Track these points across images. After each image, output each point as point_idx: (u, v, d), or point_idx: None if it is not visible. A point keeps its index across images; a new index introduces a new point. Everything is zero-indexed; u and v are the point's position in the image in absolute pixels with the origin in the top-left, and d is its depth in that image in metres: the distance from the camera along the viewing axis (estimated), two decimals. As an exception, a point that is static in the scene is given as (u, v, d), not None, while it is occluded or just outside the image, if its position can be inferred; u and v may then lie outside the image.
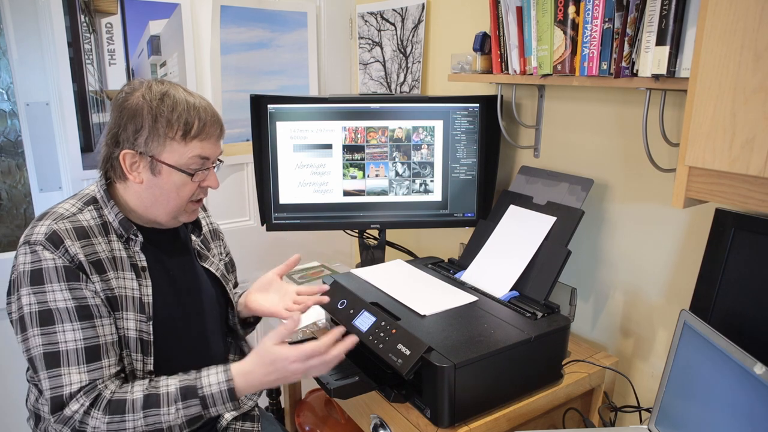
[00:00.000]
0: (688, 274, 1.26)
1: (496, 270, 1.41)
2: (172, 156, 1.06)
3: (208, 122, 1.08)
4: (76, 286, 1.00)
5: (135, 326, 1.07)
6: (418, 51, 1.94)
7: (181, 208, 1.11)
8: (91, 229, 1.06)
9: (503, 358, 1.12)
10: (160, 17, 1.82)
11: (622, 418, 1.39)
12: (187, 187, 1.09)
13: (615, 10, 1.14)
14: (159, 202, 1.09)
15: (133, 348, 1.07)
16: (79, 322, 1.00)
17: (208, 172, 1.11)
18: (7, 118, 1.87)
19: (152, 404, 0.99)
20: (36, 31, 1.67)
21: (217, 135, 1.11)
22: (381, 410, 1.23)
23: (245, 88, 2.02)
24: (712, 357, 0.96)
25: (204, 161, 1.09)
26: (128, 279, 1.08)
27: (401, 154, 1.69)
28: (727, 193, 0.88)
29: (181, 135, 1.05)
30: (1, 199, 1.94)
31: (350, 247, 2.42)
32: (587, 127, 1.45)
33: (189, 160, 1.07)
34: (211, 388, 1.01)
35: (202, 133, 1.07)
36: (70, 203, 1.09)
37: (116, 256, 1.07)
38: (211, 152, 1.09)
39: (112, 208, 1.09)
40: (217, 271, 1.26)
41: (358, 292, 1.33)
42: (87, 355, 1.00)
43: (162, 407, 0.99)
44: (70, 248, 1.00)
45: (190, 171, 1.08)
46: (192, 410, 1.00)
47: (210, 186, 1.12)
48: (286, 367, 1.02)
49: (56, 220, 1.03)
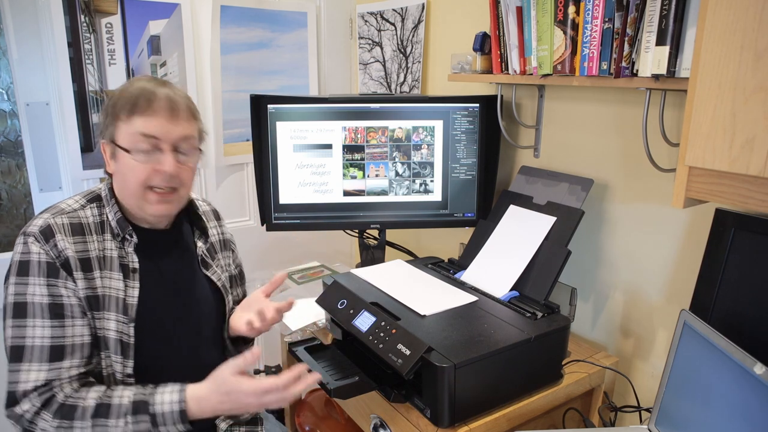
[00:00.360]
0: (688, 274, 1.26)
1: (496, 270, 1.41)
2: (122, 136, 1.04)
3: (156, 99, 1.03)
4: (54, 283, 1.00)
5: (115, 327, 1.05)
6: (418, 51, 1.94)
7: (139, 195, 1.06)
8: (88, 227, 1.06)
9: (503, 358, 1.12)
10: (160, 17, 1.82)
11: (622, 418, 1.39)
12: (136, 169, 1.03)
13: (615, 10, 1.14)
14: (123, 190, 1.08)
15: (112, 349, 1.05)
16: (50, 320, 1.00)
17: (162, 154, 1.04)
18: (7, 118, 1.87)
19: (102, 414, 0.97)
20: (36, 31, 1.67)
21: (166, 112, 1.03)
22: (381, 410, 1.23)
23: (245, 88, 2.02)
24: (712, 357, 0.96)
25: (151, 140, 1.03)
26: (115, 279, 1.07)
27: (401, 154, 1.69)
28: (727, 193, 0.88)
29: (126, 112, 1.03)
30: (1, 199, 1.94)
31: (350, 247, 2.42)
32: (587, 127, 1.45)
33: (132, 138, 1.03)
34: (162, 407, 0.99)
35: (148, 110, 1.02)
36: (75, 199, 1.10)
37: (106, 256, 1.07)
38: (158, 131, 1.03)
39: (112, 207, 1.10)
40: (218, 281, 1.24)
41: (358, 292, 1.33)
42: (50, 354, 0.99)
43: (111, 418, 0.97)
44: (60, 243, 1.01)
45: (131, 149, 1.03)
46: (141, 426, 0.98)
47: (161, 169, 1.04)
48: (241, 399, 0.99)
49: (55, 215, 1.04)
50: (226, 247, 1.33)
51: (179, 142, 1.07)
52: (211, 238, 1.27)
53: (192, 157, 1.11)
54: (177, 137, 1.06)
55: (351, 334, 1.28)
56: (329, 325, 1.42)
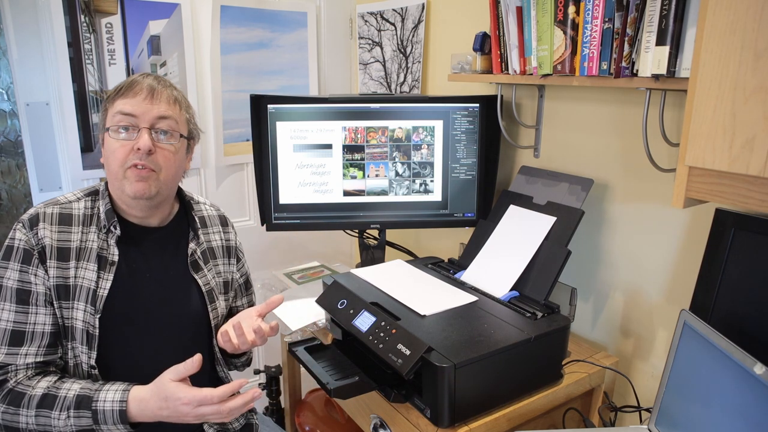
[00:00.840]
0: (688, 274, 1.26)
1: (496, 270, 1.41)
2: (107, 121, 1.10)
3: (136, 81, 1.09)
4: (25, 269, 1.05)
5: (83, 317, 1.07)
6: (418, 51, 1.94)
7: (120, 175, 1.08)
8: (77, 218, 1.11)
9: (503, 358, 1.12)
10: (160, 17, 1.82)
11: (622, 418, 1.39)
12: (117, 150, 1.07)
13: (615, 10, 1.14)
14: (108, 173, 1.11)
15: (78, 339, 1.07)
16: (16, 305, 1.03)
17: (139, 132, 1.07)
18: (7, 118, 1.87)
19: (47, 405, 0.99)
20: (36, 32, 1.67)
21: (144, 94, 1.08)
22: (381, 410, 1.23)
23: (245, 88, 2.02)
24: (712, 357, 0.96)
25: (129, 118, 1.07)
26: (89, 270, 1.09)
27: (401, 154, 1.69)
28: (727, 193, 0.88)
29: (111, 100, 1.10)
30: (1, 199, 1.94)
31: (350, 247, 2.42)
32: (587, 127, 1.45)
33: (113, 119, 1.08)
34: (104, 404, 0.99)
35: (128, 91, 1.08)
36: (74, 192, 1.15)
37: (85, 247, 1.10)
38: (135, 110, 1.07)
39: (104, 200, 1.13)
40: (205, 285, 1.21)
41: (358, 292, 1.33)
42: (10, 339, 1.02)
43: (54, 410, 0.98)
44: (41, 231, 1.06)
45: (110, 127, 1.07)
46: (82, 421, 0.99)
47: (138, 147, 1.06)
48: (177, 407, 0.98)
49: (48, 205, 1.10)
50: (230, 255, 1.31)
51: (156, 121, 1.09)
52: (212, 243, 1.27)
53: (171, 140, 1.12)
54: (154, 116, 1.09)
55: (351, 334, 1.28)
56: (329, 325, 1.42)
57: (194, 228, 1.23)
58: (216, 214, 1.32)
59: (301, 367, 1.41)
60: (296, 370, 1.87)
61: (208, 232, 1.28)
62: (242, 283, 1.36)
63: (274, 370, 1.89)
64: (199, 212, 1.28)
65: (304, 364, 1.28)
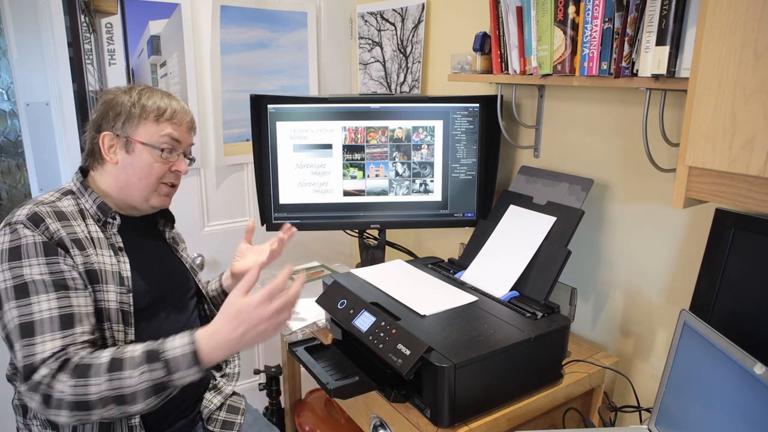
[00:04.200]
0: (688, 274, 1.26)
1: (496, 270, 1.41)
2: (145, 135, 1.17)
3: (179, 110, 1.21)
4: (53, 261, 1.04)
5: (116, 298, 1.11)
6: (418, 51, 1.94)
7: (152, 188, 1.20)
8: (70, 214, 1.13)
9: (503, 358, 1.12)
10: (160, 17, 1.82)
11: (622, 418, 1.39)
12: (156, 165, 1.18)
13: (615, 10, 1.14)
14: (132, 181, 1.18)
15: (114, 319, 1.10)
16: (55, 293, 1.03)
17: (179, 157, 1.22)
18: (7, 118, 1.87)
19: (116, 368, 0.98)
20: (36, 32, 1.67)
21: (187, 124, 1.23)
22: (381, 410, 1.23)
23: (245, 88, 2.02)
24: (712, 357, 0.96)
25: (174, 143, 1.20)
26: (107, 256, 1.13)
27: (401, 154, 1.69)
28: (727, 193, 0.88)
29: (154, 117, 1.17)
30: (1, 199, 1.94)
31: (350, 247, 2.42)
32: (587, 127, 1.45)
33: (160, 139, 1.18)
34: (174, 351, 0.99)
35: (174, 117, 1.20)
36: (50, 194, 1.17)
37: (94, 237, 1.13)
38: (181, 137, 1.21)
39: (89, 196, 1.18)
40: (186, 263, 1.37)
41: (358, 292, 1.33)
42: (61, 323, 1.02)
43: (125, 370, 0.98)
44: (51, 226, 1.07)
45: (161, 147, 1.18)
46: (155, 374, 0.98)
47: (179, 170, 1.22)
48: (251, 314, 1.00)
49: (37, 204, 1.10)
50: (182, 240, 1.45)
51: (189, 149, 1.27)
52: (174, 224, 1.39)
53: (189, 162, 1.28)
54: (188, 145, 1.26)
55: (351, 334, 1.28)
56: (329, 325, 1.42)
57: (169, 217, 1.36)
58: None
59: (301, 367, 1.41)
60: (296, 370, 1.87)
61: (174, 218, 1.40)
62: None
63: (274, 370, 1.89)
64: None
65: (304, 364, 1.28)
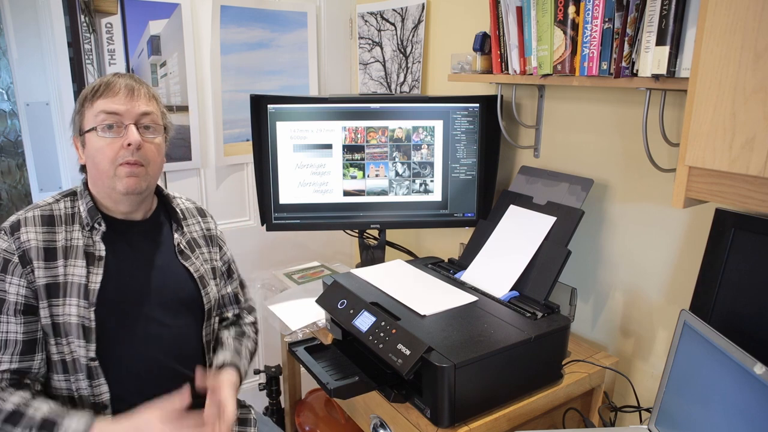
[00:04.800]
0: (688, 274, 1.26)
1: (496, 270, 1.41)
2: (87, 121, 1.12)
3: (113, 82, 1.12)
4: (1, 278, 1.06)
5: (77, 312, 1.09)
6: (418, 51, 1.94)
7: (110, 173, 1.11)
8: (59, 218, 1.13)
9: (503, 358, 1.12)
10: (160, 17, 1.82)
11: (622, 418, 1.39)
12: (105, 148, 1.10)
13: (615, 10, 1.14)
14: (95, 174, 1.14)
15: (74, 334, 1.08)
16: None
17: (127, 129, 1.11)
18: (7, 118, 1.87)
19: (14, 421, 1.00)
20: (36, 32, 1.67)
21: (123, 92, 1.12)
22: (381, 410, 1.23)
23: (245, 88, 2.02)
24: (712, 357, 0.96)
25: (112, 117, 1.10)
26: (78, 267, 1.11)
27: (401, 154, 1.69)
28: (727, 193, 0.88)
29: (89, 101, 1.12)
30: (1, 199, 1.94)
31: (350, 247, 2.42)
32: (587, 127, 1.45)
33: (96, 118, 1.11)
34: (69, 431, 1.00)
35: (107, 90, 1.11)
36: (52, 195, 1.18)
37: (71, 245, 1.12)
38: (119, 108, 1.11)
39: (84, 198, 1.16)
40: (196, 272, 1.26)
41: (358, 292, 1.33)
42: None
43: (18, 428, 1.00)
44: (23, 235, 1.08)
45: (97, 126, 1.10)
46: None
47: (129, 142, 1.10)
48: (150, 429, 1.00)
49: (28, 210, 1.12)
50: (213, 243, 1.36)
51: (140, 117, 1.14)
52: (193, 233, 1.31)
53: (156, 134, 1.17)
54: (138, 113, 1.13)
55: (351, 334, 1.28)
56: (329, 325, 1.42)
57: (176, 219, 1.28)
58: (193, 206, 1.37)
59: (301, 367, 1.41)
60: (296, 370, 1.87)
61: (189, 224, 1.32)
62: (224, 271, 1.39)
63: (274, 370, 1.89)
64: (178, 205, 1.32)
65: (304, 364, 1.28)
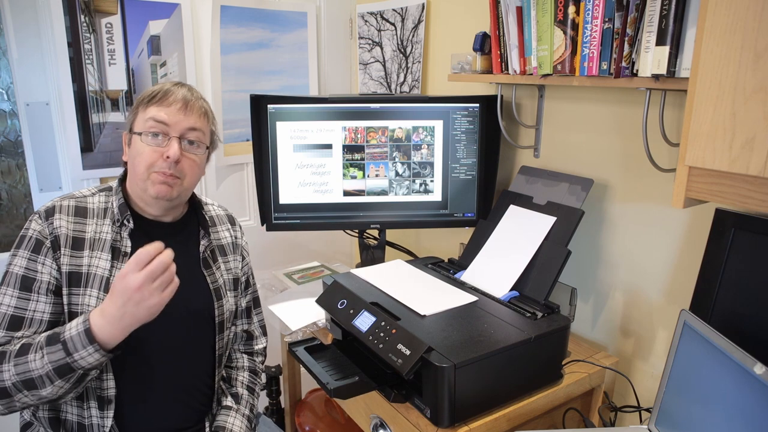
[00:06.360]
0: (688, 274, 1.26)
1: (496, 270, 1.41)
2: (138, 124, 1.15)
3: (171, 91, 1.15)
4: (34, 258, 1.09)
5: (96, 303, 1.10)
6: (418, 51, 1.94)
7: (145, 176, 1.13)
8: (92, 211, 1.15)
9: (503, 358, 1.12)
10: (160, 17, 1.82)
11: (622, 418, 1.39)
12: (144, 153, 1.12)
13: (615, 10, 1.14)
14: (132, 174, 1.16)
15: None
16: (19, 291, 1.07)
17: (169, 141, 1.13)
18: (7, 118, 1.87)
19: (23, 352, 1.01)
20: (36, 32, 1.67)
21: (178, 104, 1.14)
22: (381, 410, 1.23)
23: (245, 88, 2.02)
24: (712, 357, 0.96)
25: (160, 126, 1.12)
26: (102, 260, 1.13)
27: (401, 154, 1.69)
28: (727, 193, 0.88)
29: (145, 103, 1.15)
30: (1, 199, 1.94)
31: (350, 247, 2.42)
32: (587, 127, 1.45)
33: (145, 124, 1.13)
34: (71, 331, 1.00)
35: (163, 99, 1.14)
36: (89, 188, 1.21)
37: (99, 238, 1.14)
38: (168, 118, 1.13)
39: (117, 195, 1.18)
40: (213, 284, 1.26)
41: (358, 292, 1.33)
42: (8, 323, 1.06)
43: (30, 354, 1.00)
44: (56, 221, 1.11)
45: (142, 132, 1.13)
46: (55, 356, 0.99)
47: (167, 155, 1.12)
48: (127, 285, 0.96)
49: (65, 198, 1.15)
50: (237, 251, 1.36)
51: (186, 132, 1.15)
52: (221, 240, 1.32)
53: (198, 151, 1.18)
54: (185, 127, 1.15)
55: (351, 334, 1.28)
56: (329, 325, 1.42)
57: (204, 226, 1.28)
58: (224, 213, 1.38)
59: (301, 367, 1.41)
60: (296, 370, 1.87)
61: (218, 230, 1.33)
62: (243, 282, 1.38)
63: (274, 370, 1.89)
64: (209, 212, 1.32)
65: (304, 364, 1.28)
